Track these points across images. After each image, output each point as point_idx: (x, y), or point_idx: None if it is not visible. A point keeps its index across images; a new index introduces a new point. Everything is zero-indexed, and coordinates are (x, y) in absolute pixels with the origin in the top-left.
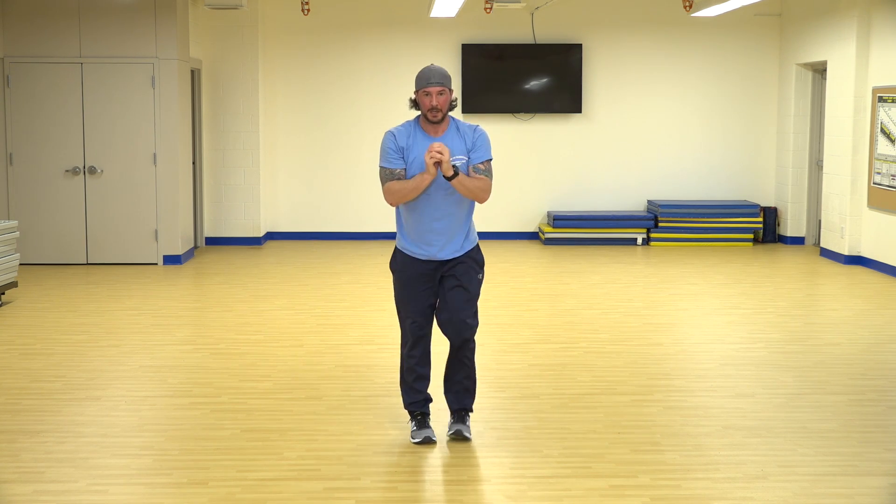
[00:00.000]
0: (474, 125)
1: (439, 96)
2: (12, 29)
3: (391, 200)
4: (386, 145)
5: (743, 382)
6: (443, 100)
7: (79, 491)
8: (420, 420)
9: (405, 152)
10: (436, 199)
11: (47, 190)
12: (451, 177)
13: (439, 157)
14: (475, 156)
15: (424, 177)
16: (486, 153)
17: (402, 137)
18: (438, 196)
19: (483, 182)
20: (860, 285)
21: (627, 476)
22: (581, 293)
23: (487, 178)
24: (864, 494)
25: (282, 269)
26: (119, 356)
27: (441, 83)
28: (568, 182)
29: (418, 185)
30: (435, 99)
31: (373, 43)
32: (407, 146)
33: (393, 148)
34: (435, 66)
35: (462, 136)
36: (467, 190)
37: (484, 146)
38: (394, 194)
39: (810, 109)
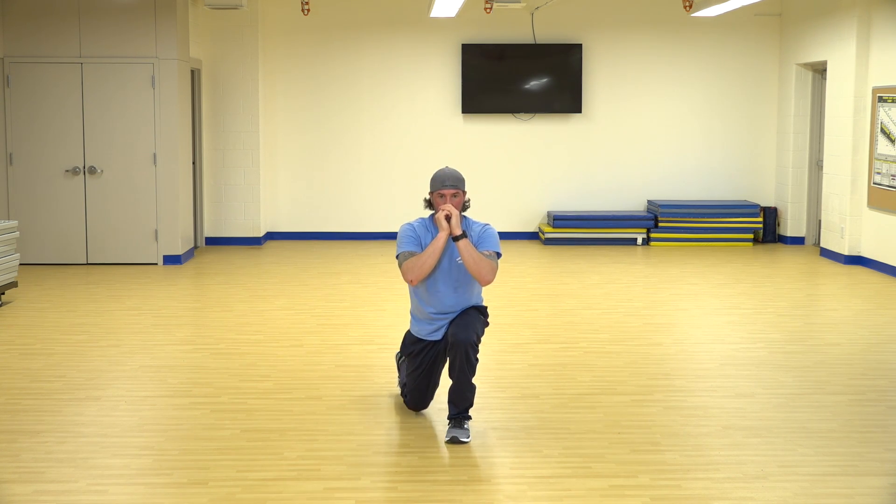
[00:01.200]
0: (485, 224)
1: (453, 198)
2: (12, 29)
3: (413, 276)
4: (405, 234)
5: (743, 382)
6: (456, 202)
7: (79, 491)
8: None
9: (421, 242)
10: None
11: (47, 190)
12: (459, 237)
13: (449, 211)
14: (481, 246)
15: (438, 238)
16: (492, 246)
17: (420, 229)
18: (448, 288)
19: (489, 261)
20: (860, 285)
21: (627, 476)
22: (581, 293)
23: (493, 261)
24: (864, 494)
25: (282, 269)
26: (119, 356)
27: (455, 185)
28: (568, 182)
29: (434, 249)
30: (449, 200)
31: (373, 43)
32: (423, 238)
33: (412, 235)
34: (449, 170)
35: (470, 233)
36: (473, 260)
37: (491, 240)
38: (412, 268)
39: (810, 109)
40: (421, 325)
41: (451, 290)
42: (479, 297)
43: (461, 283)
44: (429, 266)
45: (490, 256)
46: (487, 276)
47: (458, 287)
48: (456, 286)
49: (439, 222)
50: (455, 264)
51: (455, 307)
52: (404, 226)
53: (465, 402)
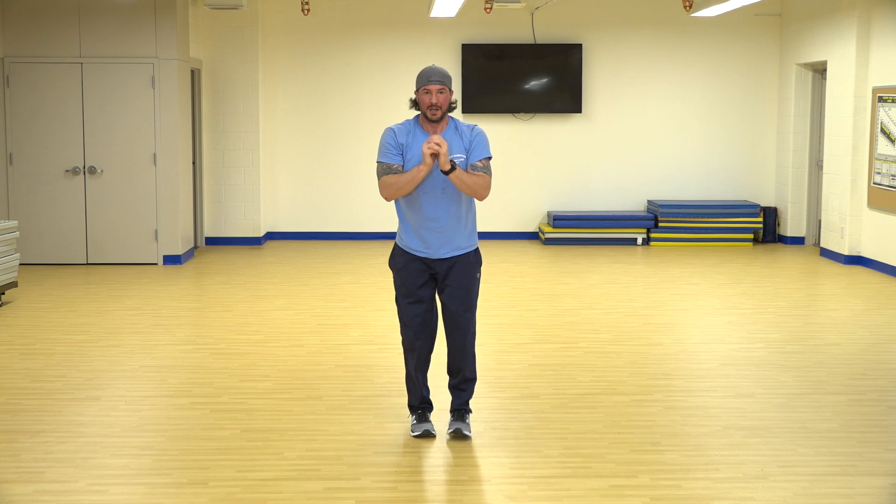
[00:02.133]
0: (472, 125)
1: (439, 94)
2: (12, 29)
3: (386, 194)
4: (385, 140)
5: (743, 382)
6: (442, 98)
7: (79, 491)
8: (420, 415)
9: (404, 149)
10: (433, 197)
11: (47, 190)
12: (449, 171)
13: (437, 148)
14: (473, 154)
15: (420, 168)
16: (484, 151)
17: (402, 134)
18: (436, 193)
19: (482, 178)
20: (860, 285)
21: (627, 476)
22: (581, 293)
23: (486, 175)
24: (864, 494)
25: (282, 269)
26: (119, 356)
27: (441, 81)
28: (568, 182)
29: (414, 178)
30: (434, 97)
31: (373, 43)
32: (406, 143)
33: (392, 143)
34: (435, 66)
35: (460, 135)
36: (466, 186)
37: (482, 144)
38: (389, 187)
39: (810, 109)
40: (410, 238)
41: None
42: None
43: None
44: (406, 191)
45: (483, 168)
46: (482, 194)
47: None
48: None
49: (424, 156)
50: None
51: (444, 222)
52: (386, 130)
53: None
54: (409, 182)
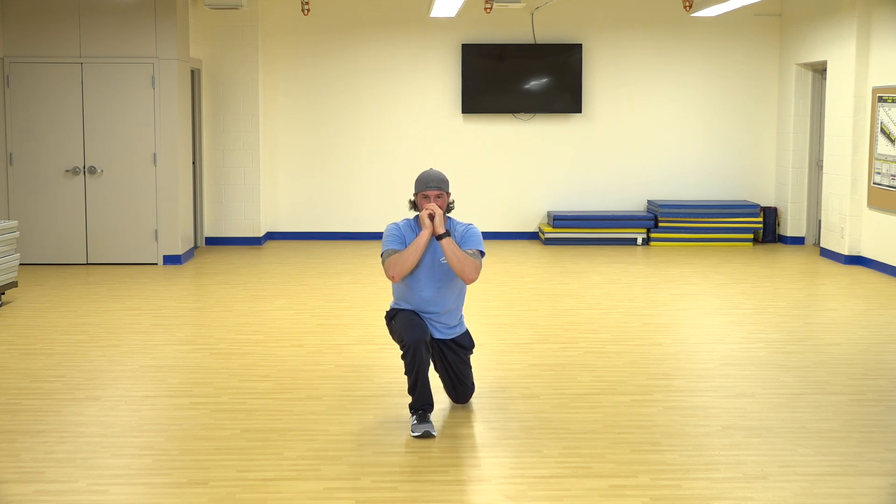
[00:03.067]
0: (468, 224)
1: (437, 199)
2: (12, 29)
3: (394, 273)
4: (389, 233)
5: (743, 382)
6: (440, 202)
7: (79, 491)
8: (421, 415)
9: (405, 241)
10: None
11: (47, 190)
12: (442, 236)
13: (433, 210)
14: (464, 245)
15: (421, 235)
16: (475, 244)
17: (405, 229)
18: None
19: (472, 259)
20: (860, 285)
21: (627, 476)
22: (581, 293)
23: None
24: (864, 494)
25: (282, 269)
26: (119, 356)
27: (438, 187)
28: (568, 182)
29: (416, 246)
30: (433, 201)
31: (373, 43)
32: (408, 238)
33: (396, 234)
34: (433, 171)
35: (454, 233)
36: (456, 258)
37: (474, 239)
38: (394, 264)
39: (810, 109)
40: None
41: (434, 290)
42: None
43: (444, 283)
44: (410, 263)
45: (474, 255)
46: (471, 275)
47: (440, 288)
48: (438, 287)
49: (422, 221)
50: (438, 263)
51: (437, 308)
52: (390, 225)
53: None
54: (413, 252)
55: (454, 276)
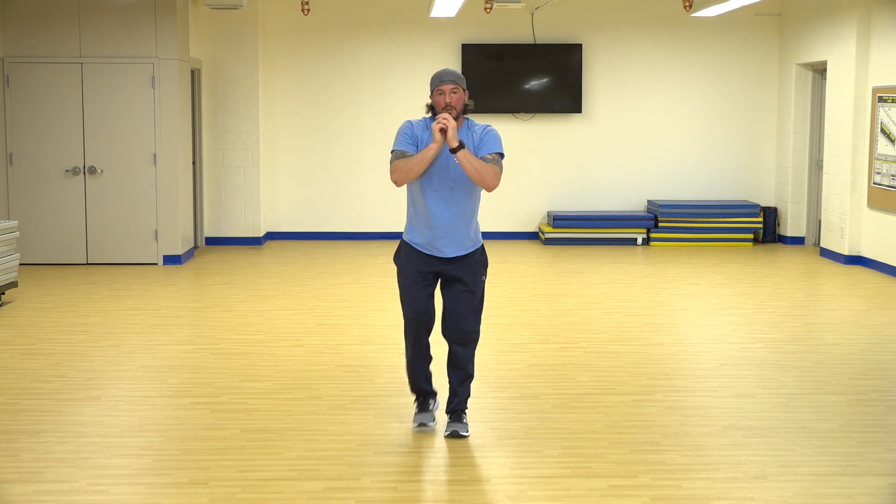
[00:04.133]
0: (486, 125)
1: (452, 94)
2: (12, 29)
3: (396, 177)
4: (401, 130)
5: (743, 382)
6: (456, 98)
7: (79, 491)
8: (421, 402)
9: (418, 142)
10: (441, 195)
11: (47, 190)
12: (456, 149)
13: (445, 122)
14: (483, 148)
15: (430, 147)
16: (494, 146)
17: (419, 128)
18: (444, 192)
19: (490, 165)
20: (860, 285)
21: (627, 476)
22: (581, 293)
23: (496, 165)
24: (864, 494)
25: (282, 269)
26: (119, 356)
27: (454, 81)
28: (568, 182)
29: (423, 157)
30: (448, 97)
31: (373, 43)
32: (421, 137)
33: (408, 133)
34: (448, 68)
35: (471, 134)
36: (474, 169)
37: (492, 140)
38: (398, 170)
39: (810, 109)
40: (415, 233)
41: (448, 192)
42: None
43: (457, 185)
44: (415, 172)
45: (493, 160)
46: (491, 182)
47: (454, 188)
48: (452, 188)
49: (434, 133)
50: (452, 165)
51: (449, 223)
52: (404, 123)
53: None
54: (419, 162)
55: (466, 190)
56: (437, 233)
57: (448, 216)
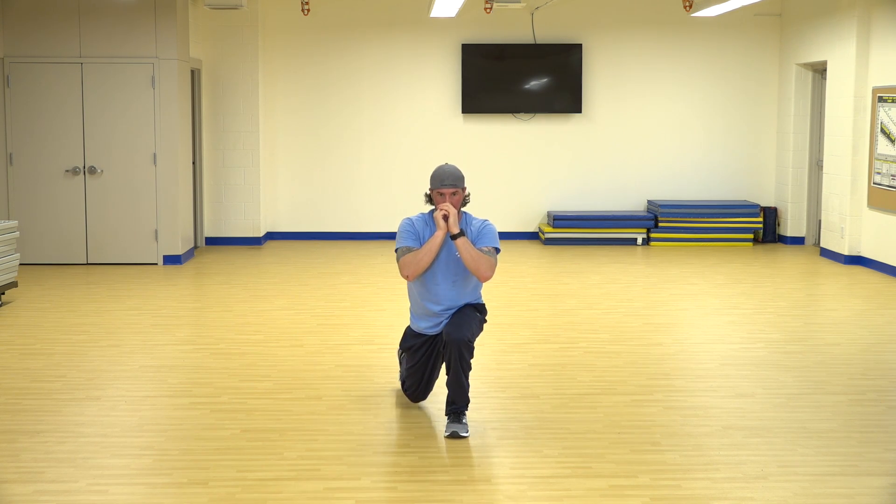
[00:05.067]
0: (484, 220)
1: (452, 196)
2: (12, 29)
3: (408, 272)
4: (403, 228)
5: (743, 382)
6: (455, 199)
7: (79, 491)
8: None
9: (420, 237)
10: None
11: (47, 190)
12: (457, 235)
13: (447, 210)
14: (480, 242)
15: (435, 235)
16: (491, 241)
17: (419, 224)
18: (447, 285)
19: (487, 257)
20: (860, 285)
21: (627, 476)
22: (581, 293)
23: (491, 258)
24: (864, 494)
25: (282, 269)
26: (119, 356)
27: (454, 185)
28: (568, 182)
29: (431, 247)
30: (448, 199)
31: (373, 43)
32: (422, 234)
33: (410, 231)
34: (448, 167)
35: (469, 229)
36: (471, 258)
37: (489, 236)
38: (409, 265)
39: (810, 109)
40: (419, 321)
41: (450, 284)
42: (478, 293)
43: (459, 278)
44: (425, 263)
45: (489, 253)
46: (486, 273)
47: (455, 281)
48: (454, 280)
49: (437, 221)
50: (453, 259)
51: (453, 302)
52: (404, 221)
53: (461, 397)
54: (428, 252)
55: (464, 284)
56: (440, 318)
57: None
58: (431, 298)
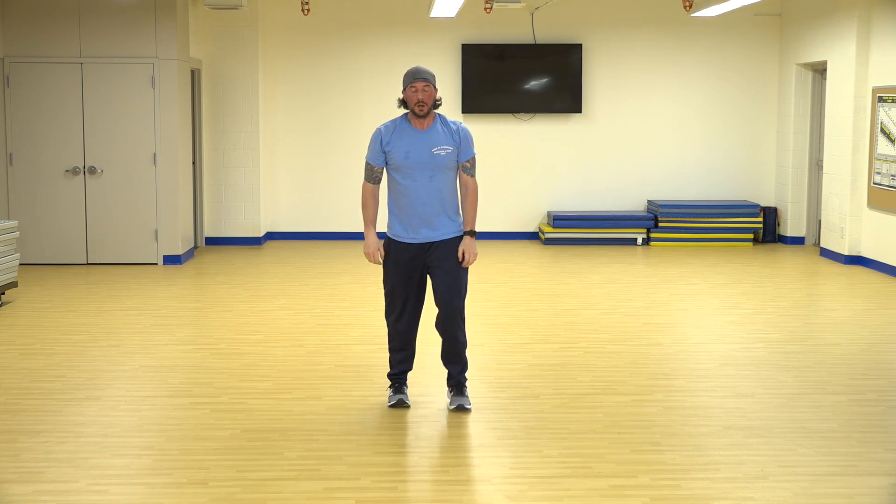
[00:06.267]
0: (457, 122)
1: (424, 91)
2: (12, 29)
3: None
4: (372, 142)
5: (743, 382)
6: (427, 94)
7: (79, 491)
8: (396, 387)
9: (388, 147)
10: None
11: (47, 190)
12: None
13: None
14: (463, 153)
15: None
16: (470, 150)
17: (388, 133)
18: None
19: (474, 193)
20: (860, 285)
21: (627, 476)
22: (581, 293)
23: (472, 179)
24: (864, 494)
25: (282, 269)
26: (119, 356)
27: (426, 79)
28: (568, 182)
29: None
30: (420, 93)
31: (373, 43)
32: (390, 141)
33: (377, 147)
34: (420, 67)
35: (448, 131)
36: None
37: (468, 143)
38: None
39: (810, 109)
40: (398, 226)
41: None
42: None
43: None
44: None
45: (471, 168)
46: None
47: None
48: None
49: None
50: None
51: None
52: (376, 131)
53: (459, 359)
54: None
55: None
56: (418, 220)
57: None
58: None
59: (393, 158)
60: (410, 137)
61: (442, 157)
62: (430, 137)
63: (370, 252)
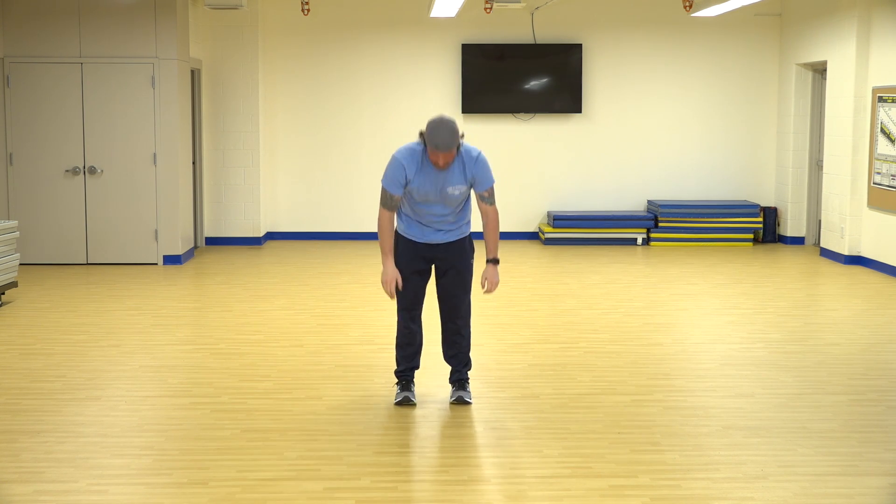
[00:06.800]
0: (475, 151)
1: (445, 157)
2: (12, 29)
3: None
4: (393, 171)
5: (743, 382)
6: (449, 157)
7: (79, 491)
8: (404, 384)
9: (410, 184)
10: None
11: (47, 190)
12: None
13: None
14: (479, 184)
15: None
16: (488, 180)
17: (410, 168)
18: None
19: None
20: (860, 285)
21: (627, 476)
22: (581, 293)
23: (493, 207)
24: (864, 494)
25: (282, 269)
26: (119, 356)
27: (449, 148)
28: (568, 182)
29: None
30: (442, 159)
31: (373, 43)
32: (412, 176)
33: (399, 178)
34: (445, 128)
35: (462, 167)
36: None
37: (485, 173)
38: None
39: (810, 109)
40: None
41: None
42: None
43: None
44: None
45: (489, 197)
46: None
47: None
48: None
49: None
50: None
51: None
52: (398, 160)
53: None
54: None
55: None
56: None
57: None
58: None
59: (410, 189)
60: (428, 175)
61: (455, 195)
62: (447, 177)
63: (388, 280)
